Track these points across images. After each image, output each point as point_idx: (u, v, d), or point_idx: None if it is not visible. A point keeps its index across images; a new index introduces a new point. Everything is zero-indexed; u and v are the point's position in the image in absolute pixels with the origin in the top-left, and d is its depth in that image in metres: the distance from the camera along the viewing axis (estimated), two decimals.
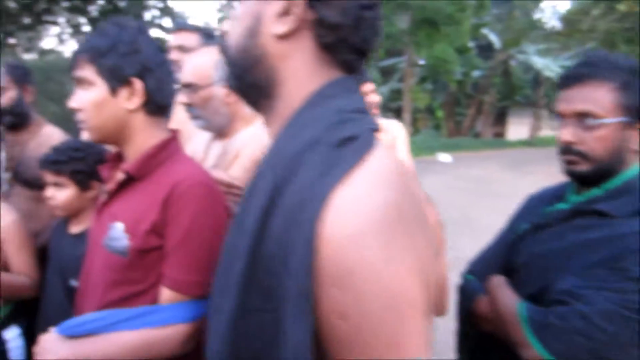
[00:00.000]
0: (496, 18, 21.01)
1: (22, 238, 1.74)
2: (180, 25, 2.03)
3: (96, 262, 1.14)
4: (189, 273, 1.07)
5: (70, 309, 1.67)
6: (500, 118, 26.90)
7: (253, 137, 1.52)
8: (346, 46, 0.64)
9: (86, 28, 9.06)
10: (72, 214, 1.70)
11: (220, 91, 1.51)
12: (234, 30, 0.68)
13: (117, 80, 1.06)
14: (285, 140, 0.60)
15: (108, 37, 1.06)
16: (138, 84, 1.08)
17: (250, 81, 0.67)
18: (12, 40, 7.97)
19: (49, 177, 1.64)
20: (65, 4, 7.53)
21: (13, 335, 1.74)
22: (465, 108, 25.46)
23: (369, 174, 0.53)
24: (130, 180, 1.11)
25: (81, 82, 1.08)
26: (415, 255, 0.52)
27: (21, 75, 2.00)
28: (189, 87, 1.49)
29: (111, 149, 1.24)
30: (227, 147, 1.55)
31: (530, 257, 1.17)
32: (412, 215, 0.53)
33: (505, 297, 1.12)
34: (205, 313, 1.12)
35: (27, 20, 7.98)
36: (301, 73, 0.65)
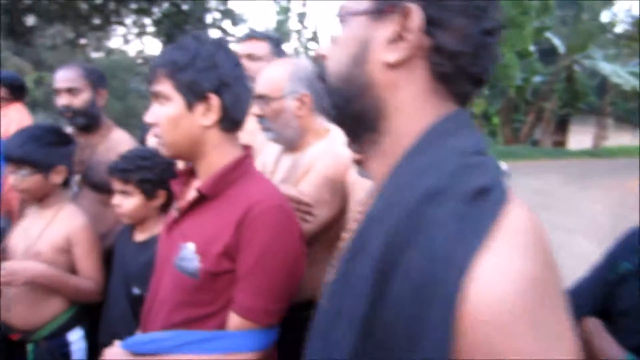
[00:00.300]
0: (560, 21, 20.06)
1: (91, 242, 1.76)
2: (250, 34, 2.01)
3: (165, 280, 1.12)
4: (259, 300, 1.02)
5: (132, 317, 1.68)
6: (561, 126, 25.71)
7: (325, 152, 1.47)
8: (464, 76, 0.56)
9: (150, 29, 9.38)
10: (138, 221, 1.71)
11: (291, 104, 1.48)
12: (336, 56, 0.61)
13: (194, 95, 1.03)
14: (398, 188, 0.52)
15: (187, 52, 1.02)
16: (215, 100, 1.04)
17: (354, 112, 0.60)
18: (82, 41, 8.37)
19: (117, 184, 1.65)
20: (132, 6, 7.82)
21: (77, 337, 1.77)
22: (523, 115, 24.51)
23: (511, 237, 0.45)
24: (202, 199, 1.07)
25: (158, 96, 1.05)
26: (566, 334, 0.44)
27: (96, 78, 2.04)
28: (262, 98, 1.46)
29: (182, 163, 1.21)
30: (297, 161, 1.51)
31: (636, 303, 1.04)
32: (556, 281, 0.46)
33: (607, 346, 1.00)
34: (273, 341, 1.07)
35: (97, 21, 8.35)
36: (412, 105, 0.57)
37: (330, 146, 1.48)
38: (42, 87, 12.55)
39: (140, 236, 1.73)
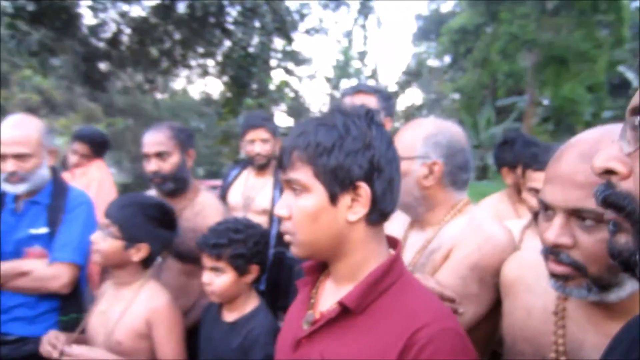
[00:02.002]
0: (632, 54, 18.97)
1: (172, 323, 1.54)
2: (357, 87, 1.80)
3: None
4: None
5: None
6: None
7: (468, 231, 1.19)
8: None
9: (213, 70, 9.64)
10: (228, 300, 1.49)
11: (418, 170, 1.23)
12: None
13: (339, 184, 0.80)
14: None
15: (333, 130, 0.79)
16: (364, 189, 0.80)
17: None
18: (151, 84, 8.64)
19: (207, 261, 1.46)
20: (199, 50, 8.02)
21: None
22: None
23: None
24: (344, 312, 0.82)
25: (291, 184, 0.82)
26: None
27: (185, 138, 1.88)
28: None
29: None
30: (431, 241, 1.24)
31: None
32: None
33: None
34: None
35: (165, 64, 8.62)
36: None
37: (475, 224, 1.20)
38: (111, 129, 13.05)
39: (229, 316, 1.51)
